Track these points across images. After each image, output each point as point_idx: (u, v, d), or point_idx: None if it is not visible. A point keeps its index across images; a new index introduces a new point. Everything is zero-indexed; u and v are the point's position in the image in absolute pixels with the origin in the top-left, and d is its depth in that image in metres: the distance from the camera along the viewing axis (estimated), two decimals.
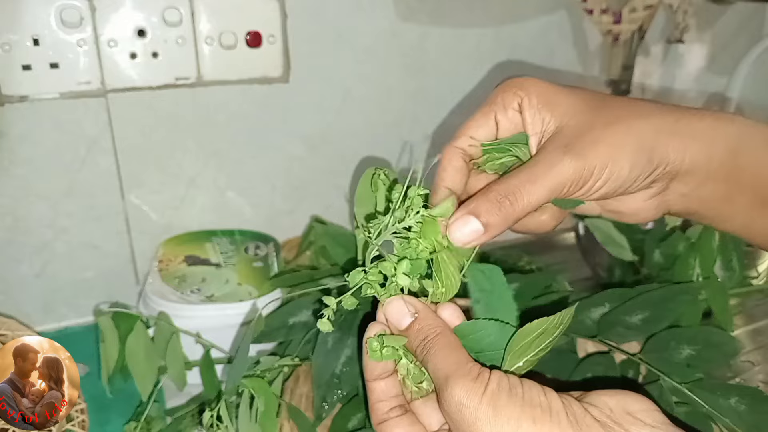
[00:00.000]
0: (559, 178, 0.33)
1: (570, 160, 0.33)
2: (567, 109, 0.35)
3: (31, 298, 0.71)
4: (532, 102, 0.35)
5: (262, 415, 0.44)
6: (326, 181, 0.79)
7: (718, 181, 0.34)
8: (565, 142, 0.34)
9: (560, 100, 0.35)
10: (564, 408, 0.28)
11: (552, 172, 0.33)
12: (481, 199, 0.33)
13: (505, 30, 0.81)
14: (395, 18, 0.75)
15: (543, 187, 0.33)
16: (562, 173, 0.33)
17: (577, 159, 0.33)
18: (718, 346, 0.50)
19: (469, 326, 0.33)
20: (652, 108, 0.35)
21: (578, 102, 0.35)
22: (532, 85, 0.36)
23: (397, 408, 0.34)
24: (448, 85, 0.81)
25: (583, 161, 0.33)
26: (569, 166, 0.33)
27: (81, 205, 0.69)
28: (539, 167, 0.33)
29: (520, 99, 0.36)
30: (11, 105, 0.63)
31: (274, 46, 0.70)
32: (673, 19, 0.92)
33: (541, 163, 0.34)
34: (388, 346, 0.33)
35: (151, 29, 0.65)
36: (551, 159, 0.33)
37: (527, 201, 0.33)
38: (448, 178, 0.36)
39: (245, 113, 0.72)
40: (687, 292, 0.54)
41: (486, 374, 0.29)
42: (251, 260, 0.68)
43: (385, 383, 0.35)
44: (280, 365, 0.50)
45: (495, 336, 0.33)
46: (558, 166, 0.33)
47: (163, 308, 0.59)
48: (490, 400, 0.28)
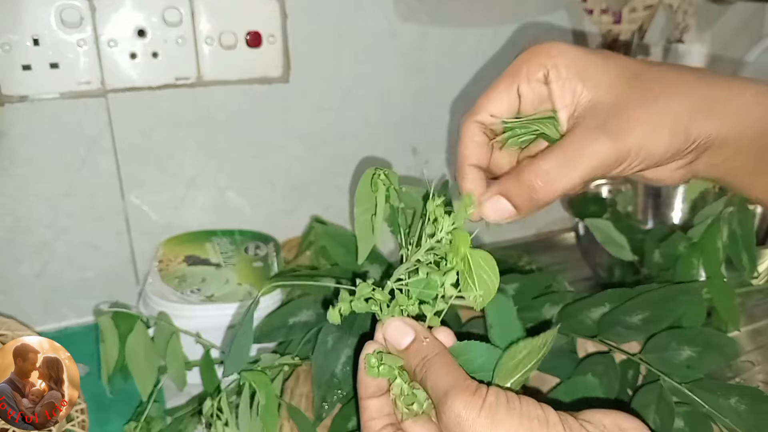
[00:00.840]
0: (595, 161, 0.31)
1: (606, 141, 0.31)
2: (600, 81, 0.33)
3: (31, 298, 0.71)
4: (561, 73, 0.33)
5: (263, 409, 0.44)
6: (326, 181, 0.79)
7: (749, 156, 0.34)
8: (599, 121, 0.32)
9: (592, 71, 0.33)
10: (561, 422, 0.28)
11: (587, 155, 0.31)
12: (513, 181, 0.32)
13: (505, 30, 0.81)
14: (395, 18, 0.75)
15: (577, 171, 0.32)
16: (598, 155, 0.31)
17: (613, 140, 0.31)
18: (718, 348, 0.50)
19: (462, 347, 0.35)
20: (689, 80, 0.33)
21: (611, 73, 0.33)
22: (561, 53, 0.33)
23: (389, 426, 0.35)
24: (448, 85, 0.81)
25: (620, 143, 0.31)
26: (605, 148, 0.31)
27: (81, 205, 0.69)
28: (573, 149, 0.32)
29: (546, 70, 0.34)
30: (11, 105, 0.63)
31: (274, 46, 0.70)
32: (673, 19, 0.92)
33: (576, 144, 0.32)
34: (385, 364, 0.34)
35: (151, 29, 0.65)
36: (586, 140, 0.32)
37: (560, 186, 0.32)
38: (471, 156, 0.35)
39: (245, 113, 0.72)
40: (688, 292, 0.53)
41: (484, 389, 0.30)
42: (251, 260, 0.68)
43: (378, 401, 0.35)
44: (280, 363, 0.50)
45: (486, 357, 0.34)
46: (593, 147, 0.31)
47: (163, 308, 0.59)
48: (488, 413, 0.28)
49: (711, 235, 0.61)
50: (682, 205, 0.84)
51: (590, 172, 0.32)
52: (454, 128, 0.83)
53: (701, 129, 0.32)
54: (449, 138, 0.83)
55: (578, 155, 0.32)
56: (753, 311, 0.74)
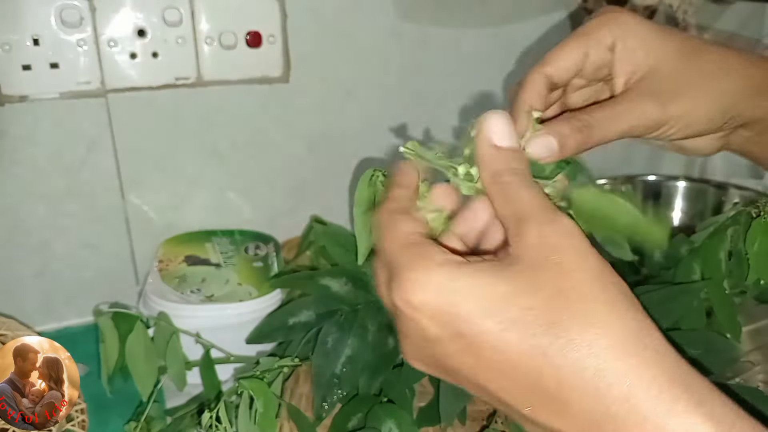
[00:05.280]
0: (640, 120, 0.35)
1: (653, 105, 0.35)
2: (661, 53, 0.36)
3: (31, 298, 0.71)
4: (628, 43, 0.36)
5: (261, 417, 0.44)
6: (326, 181, 0.79)
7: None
8: (652, 87, 0.35)
9: (656, 44, 0.36)
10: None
11: (634, 113, 0.35)
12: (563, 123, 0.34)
13: (505, 30, 0.81)
14: (395, 18, 0.75)
15: (622, 125, 0.35)
16: (644, 116, 0.35)
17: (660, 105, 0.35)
18: (719, 351, 0.50)
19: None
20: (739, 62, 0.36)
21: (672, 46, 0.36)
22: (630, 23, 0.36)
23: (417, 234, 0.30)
24: (448, 85, 0.81)
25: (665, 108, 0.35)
26: (651, 110, 0.35)
27: (81, 205, 0.69)
28: (622, 107, 0.35)
29: (615, 38, 0.36)
30: (11, 105, 0.63)
31: (274, 46, 0.70)
32: (673, 19, 0.92)
33: (626, 104, 0.35)
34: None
35: (151, 29, 0.65)
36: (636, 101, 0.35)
37: (603, 135, 0.34)
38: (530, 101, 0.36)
39: (245, 113, 0.72)
40: (688, 293, 0.53)
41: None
42: (251, 260, 0.68)
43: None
44: (279, 366, 0.50)
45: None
46: (640, 107, 0.35)
47: (163, 308, 0.59)
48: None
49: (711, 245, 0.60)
50: (682, 205, 0.84)
51: (633, 128, 0.35)
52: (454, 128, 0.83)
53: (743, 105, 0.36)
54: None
55: (626, 111, 0.35)
56: (753, 311, 0.73)
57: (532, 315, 0.25)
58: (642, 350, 0.25)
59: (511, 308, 0.25)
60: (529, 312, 0.25)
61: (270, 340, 0.56)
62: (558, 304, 0.25)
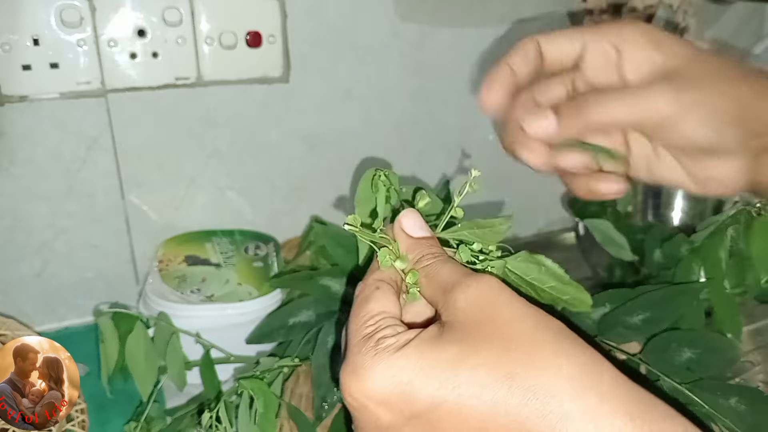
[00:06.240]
0: (652, 102, 0.33)
1: (667, 89, 0.33)
2: (674, 52, 0.35)
3: (31, 298, 0.71)
4: (639, 42, 0.35)
5: (260, 417, 0.44)
6: (326, 181, 0.79)
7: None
8: (666, 75, 0.34)
9: (667, 43, 0.35)
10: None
11: (647, 93, 0.33)
12: (567, 102, 0.34)
13: (505, 30, 0.81)
14: (395, 18, 0.75)
15: (627, 107, 0.33)
16: (658, 95, 0.33)
17: (674, 91, 0.33)
18: (719, 351, 0.50)
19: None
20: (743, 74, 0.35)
21: (683, 47, 0.35)
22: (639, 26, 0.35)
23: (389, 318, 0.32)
24: (448, 85, 0.81)
25: (678, 94, 0.33)
26: (665, 91, 0.33)
27: (81, 205, 0.69)
28: (632, 89, 0.34)
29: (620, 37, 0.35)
30: (11, 105, 0.63)
31: (274, 46, 0.70)
32: (673, 19, 0.92)
33: (639, 84, 0.34)
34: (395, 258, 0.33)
35: (151, 29, 0.65)
36: (649, 83, 0.34)
37: (604, 115, 0.33)
38: (513, 60, 0.36)
39: (245, 113, 0.72)
40: (688, 293, 0.53)
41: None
42: (251, 260, 0.68)
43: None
44: (279, 366, 0.50)
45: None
46: (654, 87, 0.33)
47: (163, 308, 0.59)
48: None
49: (712, 244, 0.61)
50: (682, 205, 0.84)
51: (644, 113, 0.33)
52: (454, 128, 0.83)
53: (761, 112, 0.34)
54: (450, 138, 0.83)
55: (639, 91, 0.34)
56: (753, 311, 0.74)
57: (484, 371, 0.25)
58: (598, 384, 0.25)
59: (461, 370, 0.25)
60: (481, 368, 0.25)
61: (270, 340, 0.56)
62: (506, 356, 0.25)
